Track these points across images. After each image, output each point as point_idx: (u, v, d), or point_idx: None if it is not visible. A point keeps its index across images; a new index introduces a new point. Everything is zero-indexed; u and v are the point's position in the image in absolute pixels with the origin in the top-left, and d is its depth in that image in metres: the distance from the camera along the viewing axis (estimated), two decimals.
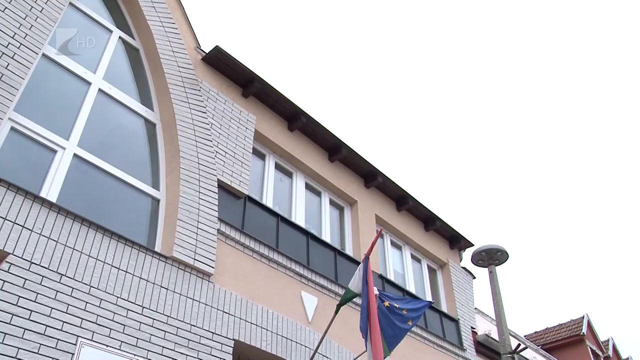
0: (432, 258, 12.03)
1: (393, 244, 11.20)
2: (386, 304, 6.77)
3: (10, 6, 6.26)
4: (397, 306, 6.81)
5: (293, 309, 7.76)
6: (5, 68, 5.91)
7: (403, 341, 6.82)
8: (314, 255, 8.75)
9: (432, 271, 12.10)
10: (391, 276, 10.52)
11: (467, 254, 12.79)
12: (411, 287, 10.92)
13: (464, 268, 12.71)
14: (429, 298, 11.27)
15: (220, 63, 8.72)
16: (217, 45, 8.50)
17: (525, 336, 22.44)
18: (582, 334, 22.03)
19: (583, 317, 22.97)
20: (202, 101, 8.09)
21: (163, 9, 8.26)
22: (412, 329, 7.47)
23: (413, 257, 11.61)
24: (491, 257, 7.60)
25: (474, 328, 12.01)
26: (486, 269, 7.65)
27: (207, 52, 8.59)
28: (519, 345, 6.94)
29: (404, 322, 6.79)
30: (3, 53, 5.95)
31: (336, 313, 6.86)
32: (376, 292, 6.64)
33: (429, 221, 11.85)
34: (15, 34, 6.17)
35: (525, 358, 14.02)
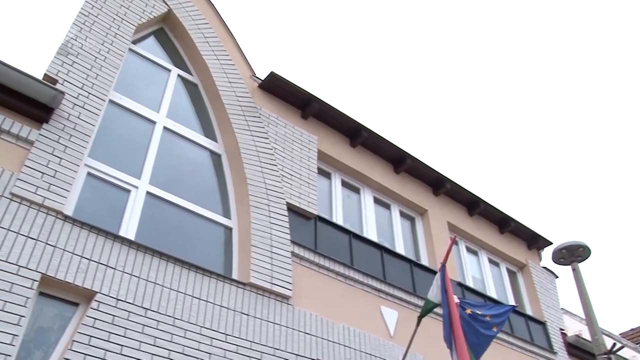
0: (511, 260, 11.71)
1: (468, 249, 10.98)
2: (468, 311, 6.62)
3: (77, 60, 6.61)
4: (480, 313, 6.65)
5: (374, 325, 7.72)
6: (78, 117, 6.22)
7: (489, 348, 6.64)
8: (389, 268, 8.69)
9: (511, 274, 11.77)
10: (470, 283, 10.31)
11: (547, 253, 12.40)
12: (492, 292, 10.66)
13: (545, 268, 12.29)
14: (511, 302, 10.95)
15: (277, 88, 8.87)
16: (271, 72, 8.65)
17: (620, 334, 21.40)
18: None
19: None
20: (263, 127, 8.24)
21: (216, 42, 8.49)
22: (498, 334, 7.27)
23: (490, 261, 11.34)
24: (573, 254, 7.32)
25: (563, 329, 11.56)
26: (569, 267, 7.37)
27: (262, 79, 8.76)
28: (614, 344, 6.62)
29: (489, 329, 6.62)
30: (75, 104, 6.27)
31: (418, 325, 6.76)
32: (456, 300, 6.51)
33: (503, 223, 11.57)
34: (83, 84, 6.50)
35: (624, 358, 13.33)
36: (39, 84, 5.84)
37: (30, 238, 5.23)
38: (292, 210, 7.87)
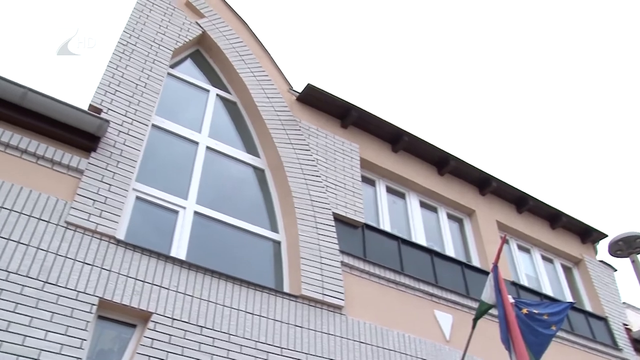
0: (565, 256, 11.43)
1: (520, 247, 10.77)
2: (524, 311, 6.49)
3: (120, 88, 6.81)
4: (537, 312, 6.51)
5: (429, 330, 7.63)
6: (124, 144, 6.40)
7: (549, 348, 6.49)
8: (440, 272, 8.60)
9: (567, 270, 11.48)
10: (524, 281, 10.10)
11: (603, 245, 12.06)
12: (547, 290, 10.41)
13: (601, 261, 11.94)
14: (569, 299, 10.66)
15: (315, 99, 8.92)
16: (308, 84, 8.72)
17: None
18: None
19: None
20: (304, 139, 8.29)
21: (251, 59, 8.61)
22: (557, 333, 7.09)
23: (544, 258, 11.09)
24: (630, 246, 7.11)
25: (626, 324, 11.18)
26: (627, 259, 7.15)
27: (300, 91, 8.83)
28: None
29: (547, 328, 6.47)
30: (120, 131, 6.45)
31: (474, 327, 6.66)
32: (511, 300, 6.40)
33: (554, 218, 11.31)
34: (126, 111, 6.68)
35: None
36: (85, 114, 6.03)
37: (87, 264, 5.38)
38: (339, 219, 7.87)
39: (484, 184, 10.43)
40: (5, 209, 5.27)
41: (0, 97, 5.70)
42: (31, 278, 5.03)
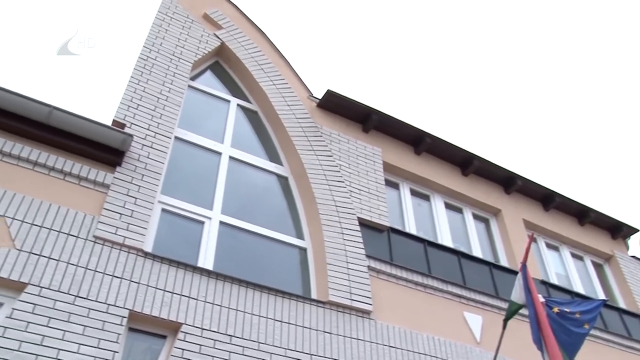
0: (595, 252, 11.25)
1: (549, 245, 10.63)
2: (555, 310, 6.39)
3: (142, 102, 6.91)
4: (568, 310, 6.40)
5: (459, 332, 7.57)
6: (148, 157, 6.48)
7: (583, 347, 6.38)
8: (468, 273, 8.53)
9: (598, 267, 11.30)
10: (554, 280, 9.97)
11: (635, 240, 11.84)
12: (578, 288, 10.26)
13: (634, 257, 11.73)
14: (601, 296, 10.49)
15: (335, 105, 8.94)
16: (328, 90, 8.74)
17: None
18: None
19: None
20: (326, 145, 8.31)
21: (270, 68, 8.66)
22: (591, 332, 6.96)
23: (573, 255, 10.93)
24: None
25: None
26: None
27: (320, 98, 8.86)
28: None
29: (580, 326, 6.36)
30: (143, 145, 6.54)
31: (504, 328, 6.59)
32: (542, 299, 6.30)
33: (582, 215, 11.15)
34: (149, 125, 6.77)
35: None
36: (109, 129, 6.13)
37: (116, 277, 5.45)
38: (364, 224, 7.86)
39: (509, 182, 10.34)
40: (36, 225, 5.37)
41: (27, 116, 5.82)
42: (63, 292, 5.11)
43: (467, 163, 9.90)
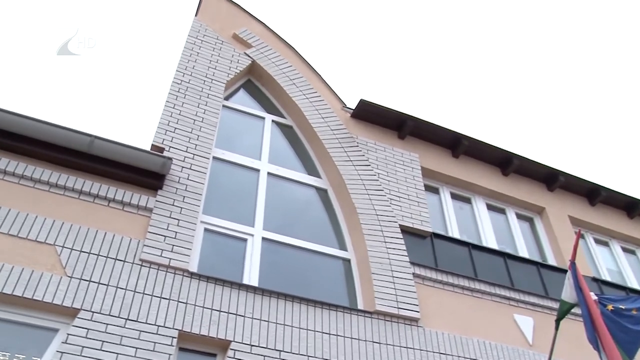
0: None
1: (597, 241, 10.35)
2: (609, 307, 6.20)
3: (178, 125, 7.04)
4: (623, 307, 6.20)
5: (510, 335, 7.42)
6: (187, 179, 6.59)
7: None
8: (516, 274, 8.37)
9: None
10: (605, 276, 9.69)
11: None
12: (632, 283, 9.94)
13: None
14: None
15: (369, 114, 8.94)
16: (361, 99, 8.75)
17: None
18: None
19: None
20: (363, 155, 8.31)
21: (302, 82, 8.73)
22: None
23: (624, 249, 10.61)
24: None
25: None
26: None
27: (353, 108, 8.87)
28: None
29: (637, 324, 6.16)
30: (182, 167, 6.65)
31: (557, 329, 6.43)
32: (594, 297, 6.12)
33: (630, 207, 10.82)
34: (187, 147, 6.89)
35: None
36: (149, 154, 6.26)
37: (164, 298, 5.54)
38: (406, 231, 7.81)
39: (552, 179, 10.14)
40: (85, 252, 5.52)
41: (70, 147, 5.99)
42: (113, 316, 5.22)
43: (506, 162, 9.75)
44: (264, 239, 6.92)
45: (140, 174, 6.26)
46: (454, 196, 9.25)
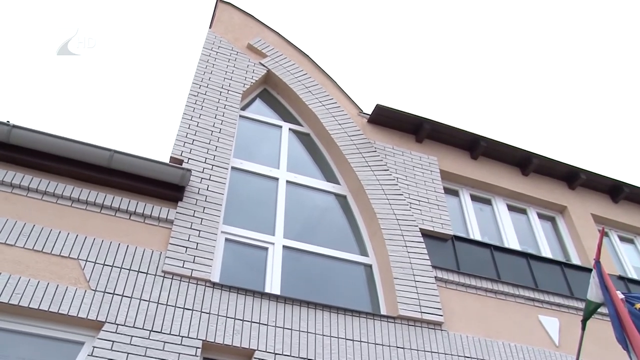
0: None
1: (622, 239, 10.20)
2: (637, 306, 6.09)
3: (196, 137, 7.11)
4: None
5: (536, 337, 7.34)
6: (207, 190, 6.64)
7: None
8: (539, 275, 8.28)
9: None
10: (632, 274, 9.54)
11: None
12: None
13: None
14: None
15: (386, 119, 8.94)
16: (377, 104, 8.75)
17: None
18: None
19: None
20: (381, 160, 8.30)
21: (318, 89, 8.76)
22: None
23: None
24: None
25: None
26: None
27: (370, 113, 8.88)
28: None
29: None
30: (202, 178, 6.71)
31: (584, 329, 6.34)
32: (621, 296, 6.03)
33: None
34: (206, 158, 6.94)
35: None
36: (168, 167, 6.32)
37: (187, 309, 5.58)
38: (427, 235, 7.78)
39: (573, 177, 10.03)
40: (108, 265, 5.58)
41: (90, 162, 6.08)
42: (138, 328, 5.26)
43: (526, 162, 9.68)
44: (284, 247, 6.94)
45: (160, 186, 6.32)
46: (474, 198, 9.19)
